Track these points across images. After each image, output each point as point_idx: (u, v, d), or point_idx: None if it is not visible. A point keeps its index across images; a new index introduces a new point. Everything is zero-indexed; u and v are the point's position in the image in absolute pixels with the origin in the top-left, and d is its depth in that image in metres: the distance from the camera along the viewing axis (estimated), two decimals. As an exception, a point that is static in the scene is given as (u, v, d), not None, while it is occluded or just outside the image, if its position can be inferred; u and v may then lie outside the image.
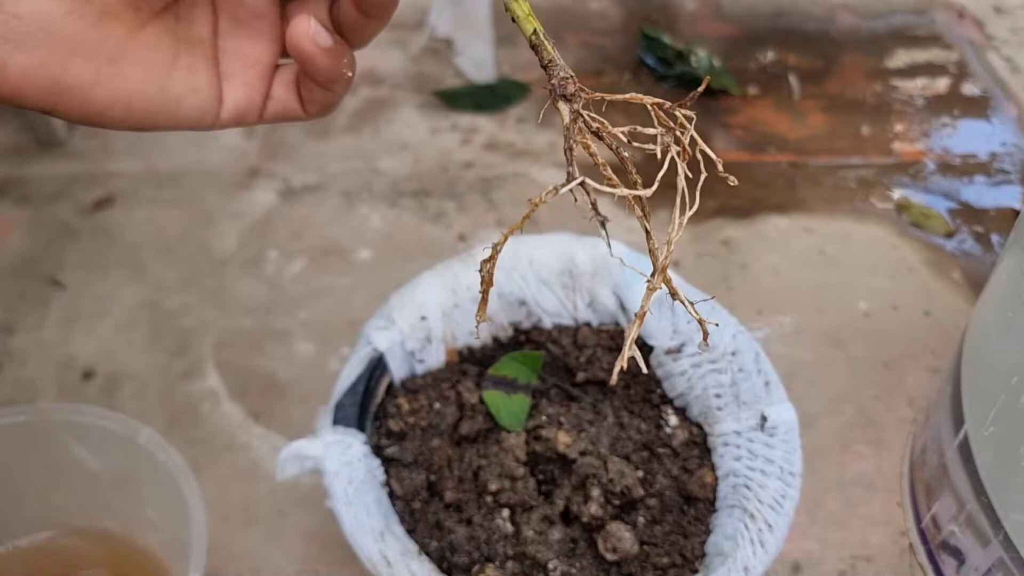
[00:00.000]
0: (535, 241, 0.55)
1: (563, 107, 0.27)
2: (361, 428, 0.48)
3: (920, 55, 0.93)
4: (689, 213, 0.26)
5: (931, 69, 0.91)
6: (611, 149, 0.27)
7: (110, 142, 0.81)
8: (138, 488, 0.44)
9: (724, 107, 0.86)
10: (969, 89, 0.89)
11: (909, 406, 0.60)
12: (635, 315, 0.26)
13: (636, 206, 0.27)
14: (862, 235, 0.73)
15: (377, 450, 0.49)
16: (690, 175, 0.26)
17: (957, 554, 0.48)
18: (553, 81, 0.27)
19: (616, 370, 0.26)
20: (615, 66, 0.91)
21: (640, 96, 0.27)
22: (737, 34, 0.95)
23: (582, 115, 0.27)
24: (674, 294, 0.27)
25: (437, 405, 0.51)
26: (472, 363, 0.54)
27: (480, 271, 0.27)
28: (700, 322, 0.27)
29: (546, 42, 0.27)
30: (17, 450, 0.44)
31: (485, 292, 0.27)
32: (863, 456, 0.58)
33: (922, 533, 0.52)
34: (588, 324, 0.55)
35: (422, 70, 0.90)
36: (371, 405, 0.50)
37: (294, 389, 0.62)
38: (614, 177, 0.27)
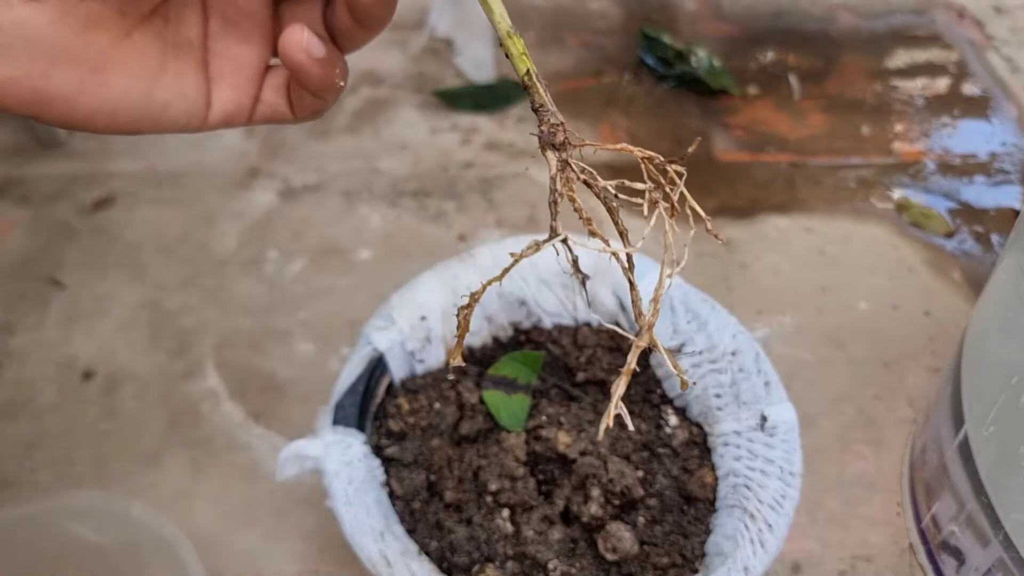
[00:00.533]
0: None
1: (550, 156, 0.25)
2: (361, 428, 0.48)
3: (920, 55, 0.93)
4: (678, 268, 0.25)
5: (931, 69, 0.91)
6: (600, 199, 0.26)
7: (110, 142, 0.81)
8: (140, 554, 0.47)
9: (724, 107, 0.86)
10: (969, 89, 0.89)
11: (909, 406, 0.60)
12: (622, 372, 0.25)
13: (619, 260, 0.26)
14: (862, 235, 0.73)
15: (377, 450, 0.49)
16: (677, 231, 0.25)
17: (957, 554, 0.48)
18: (542, 127, 0.25)
19: (602, 428, 0.25)
20: (615, 66, 0.91)
21: (631, 147, 0.26)
22: (737, 34, 0.95)
23: (570, 165, 0.25)
24: (655, 346, 0.26)
25: (437, 405, 0.51)
26: (472, 363, 0.54)
27: (457, 315, 0.26)
28: (679, 371, 0.26)
29: (539, 84, 0.26)
30: (24, 540, 0.48)
31: (461, 336, 0.27)
32: (863, 456, 0.58)
33: (922, 533, 0.52)
34: (588, 324, 0.55)
35: (422, 70, 0.90)
36: (371, 405, 0.50)
37: (294, 389, 0.62)
38: (599, 232, 0.26)
